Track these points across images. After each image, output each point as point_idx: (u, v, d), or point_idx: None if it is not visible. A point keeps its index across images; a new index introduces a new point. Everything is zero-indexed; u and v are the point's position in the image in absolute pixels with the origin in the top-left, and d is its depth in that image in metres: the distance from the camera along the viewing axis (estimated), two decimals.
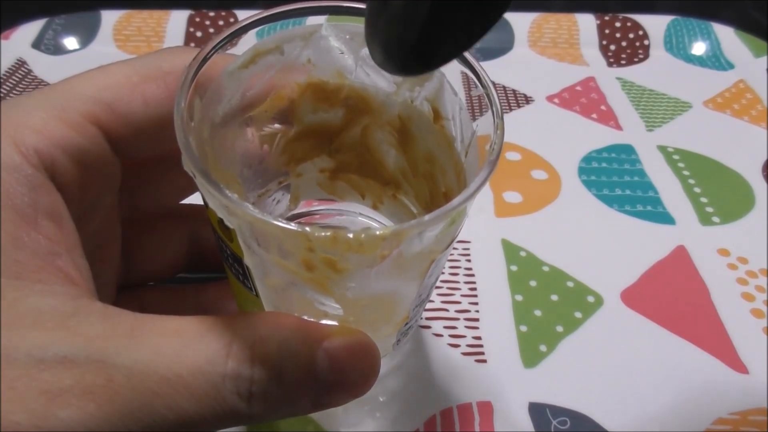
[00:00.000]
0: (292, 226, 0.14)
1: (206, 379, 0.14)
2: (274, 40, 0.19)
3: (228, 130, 0.20)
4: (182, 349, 0.14)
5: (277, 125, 0.22)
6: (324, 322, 0.17)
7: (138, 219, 0.22)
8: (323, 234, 0.14)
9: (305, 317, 0.17)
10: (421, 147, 0.22)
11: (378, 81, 0.21)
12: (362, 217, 0.25)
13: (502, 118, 0.17)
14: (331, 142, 0.23)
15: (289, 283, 0.17)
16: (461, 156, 0.20)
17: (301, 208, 0.25)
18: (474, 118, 0.19)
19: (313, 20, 0.20)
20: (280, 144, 0.22)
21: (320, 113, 0.22)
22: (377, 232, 0.14)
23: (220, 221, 0.16)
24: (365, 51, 0.20)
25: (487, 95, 0.18)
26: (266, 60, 0.20)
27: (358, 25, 0.20)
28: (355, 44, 0.20)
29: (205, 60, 0.18)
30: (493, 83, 0.18)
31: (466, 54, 0.18)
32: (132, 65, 0.19)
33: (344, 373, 0.16)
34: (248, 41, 0.19)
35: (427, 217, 0.15)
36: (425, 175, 0.22)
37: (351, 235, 0.14)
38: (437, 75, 0.20)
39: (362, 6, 0.19)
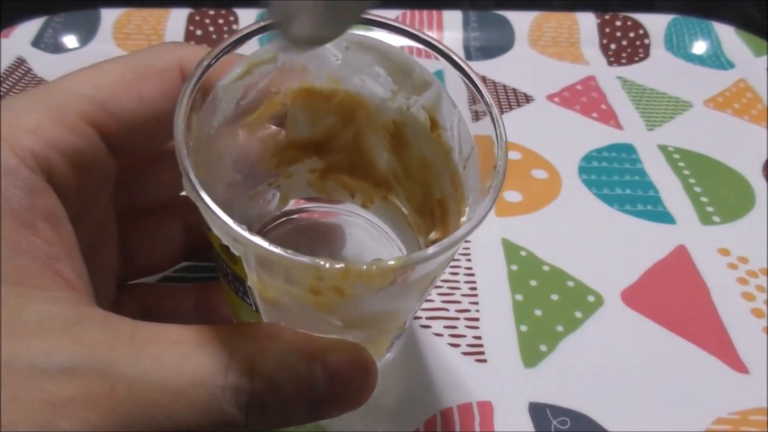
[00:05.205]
0: (304, 258, 0.14)
1: (206, 391, 0.14)
2: (269, 50, 0.19)
3: (221, 138, 0.20)
4: (183, 359, 0.15)
5: (269, 130, 0.22)
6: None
7: (134, 213, 0.22)
8: (335, 266, 0.14)
9: (304, 330, 0.17)
10: (415, 152, 0.22)
11: (374, 87, 0.21)
12: (357, 217, 0.25)
13: (506, 141, 0.18)
14: (323, 144, 0.23)
15: (292, 303, 0.17)
16: (459, 167, 0.20)
17: (291, 207, 0.25)
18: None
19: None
20: (271, 148, 0.22)
21: (312, 117, 0.22)
22: (389, 263, 0.15)
23: (225, 246, 0.16)
24: (361, 58, 0.20)
25: (492, 119, 0.18)
26: (261, 69, 0.20)
27: (356, 34, 0.20)
28: (352, 53, 0.20)
29: (200, 79, 0.17)
30: (501, 110, 0.18)
31: (484, 93, 0.18)
32: (126, 62, 0.19)
33: (341, 388, 0.16)
34: (250, 44, 0.19)
35: (439, 246, 0.15)
36: (419, 179, 0.22)
37: (364, 267, 0.14)
38: (435, 86, 0.20)
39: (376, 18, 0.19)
